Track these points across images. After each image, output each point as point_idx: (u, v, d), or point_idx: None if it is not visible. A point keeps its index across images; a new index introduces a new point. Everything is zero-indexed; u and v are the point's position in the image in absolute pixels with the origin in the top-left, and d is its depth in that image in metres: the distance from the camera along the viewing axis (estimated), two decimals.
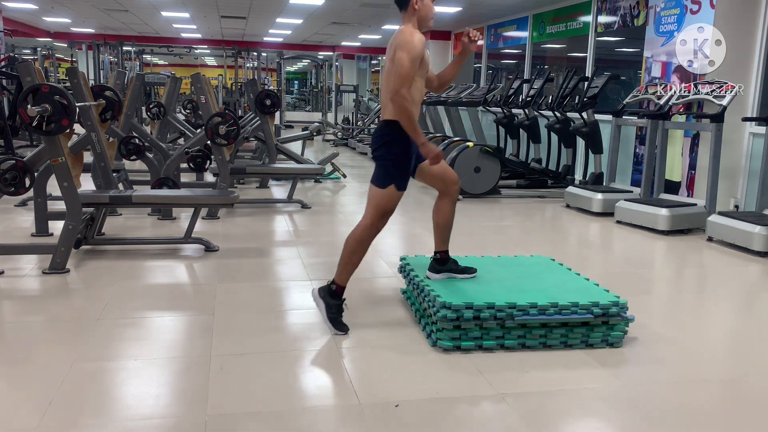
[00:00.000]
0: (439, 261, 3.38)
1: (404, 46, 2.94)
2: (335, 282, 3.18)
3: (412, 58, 2.92)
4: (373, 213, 3.13)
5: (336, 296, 3.17)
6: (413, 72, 2.95)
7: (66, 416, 2.30)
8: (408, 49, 2.93)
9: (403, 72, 2.92)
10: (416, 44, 2.94)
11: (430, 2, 3.08)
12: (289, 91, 31.11)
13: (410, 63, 2.92)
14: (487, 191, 7.35)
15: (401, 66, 2.92)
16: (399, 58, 2.93)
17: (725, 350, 3.23)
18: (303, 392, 2.57)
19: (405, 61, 2.92)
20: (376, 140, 3.14)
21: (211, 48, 20.33)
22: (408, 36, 2.97)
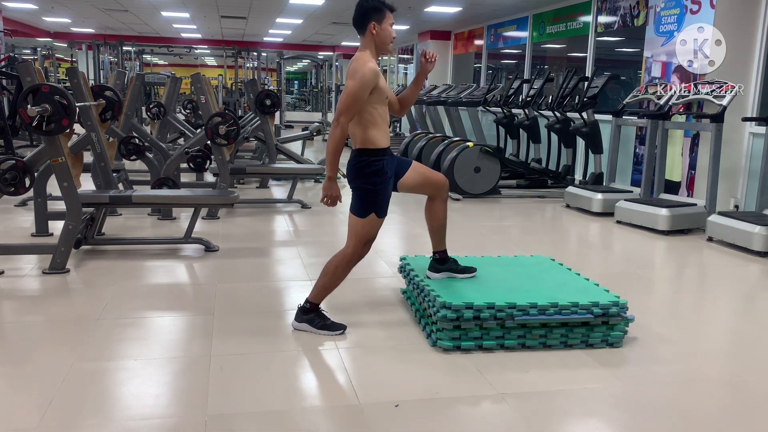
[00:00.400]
0: (439, 261, 3.38)
1: (354, 75, 2.91)
2: (309, 301, 3.17)
3: (359, 87, 2.88)
4: (356, 243, 3.11)
5: (311, 311, 3.17)
6: (358, 102, 2.90)
7: (66, 416, 2.30)
8: (357, 78, 2.89)
9: (347, 101, 2.89)
10: (366, 74, 2.89)
11: (388, 27, 3.04)
12: (289, 91, 31.11)
13: (358, 92, 2.88)
14: (487, 191, 7.35)
15: (347, 95, 2.89)
16: (347, 86, 2.91)
17: (725, 350, 3.23)
18: (303, 392, 2.57)
19: (352, 89, 2.89)
20: (352, 171, 3.09)
21: (211, 48, 20.33)
22: (360, 65, 2.93)
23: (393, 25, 3.09)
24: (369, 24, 3.00)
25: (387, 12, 3.04)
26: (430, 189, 3.28)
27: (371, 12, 3.01)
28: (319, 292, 3.16)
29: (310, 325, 3.15)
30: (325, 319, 3.18)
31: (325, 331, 3.14)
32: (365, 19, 3.01)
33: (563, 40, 9.95)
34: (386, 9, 3.05)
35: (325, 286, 3.15)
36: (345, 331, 3.16)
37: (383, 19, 3.02)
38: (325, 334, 3.13)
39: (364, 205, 3.08)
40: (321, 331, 3.14)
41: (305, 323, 3.16)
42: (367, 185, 3.06)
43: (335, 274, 3.13)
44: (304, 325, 3.16)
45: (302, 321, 3.17)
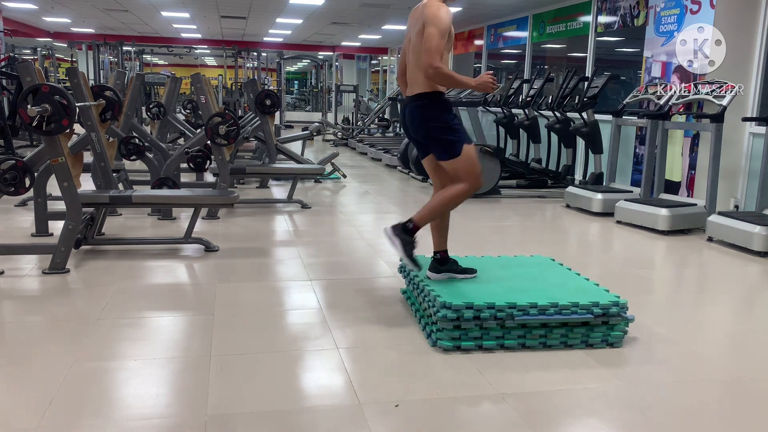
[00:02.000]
0: (440, 261, 3.38)
1: (433, 21, 2.96)
2: (413, 221, 3.18)
3: (441, 32, 2.95)
4: (469, 177, 3.14)
5: (411, 233, 3.18)
6: (443, 46, 2.97)
7: (66, 416, 2.30)
8: (436, 24, 2.95)
9: (433, 46, 2.94)
10: (444, 18, 2.98)
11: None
12: (289, 91, 31.11)
13: (440, 37, 2.95)
14: (487, 191, 7.35)
15: (432, 40, 2.94)
16: (429, 33, 2.95)
17: (725, 350, 3.23)
18: (303, 392, 2.57)
19: (435, 35, 2.94)
20: (418, 118, 3.12)
21: (211, 48, 20.33)
22: (436, 10, 2.99)
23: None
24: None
25: None
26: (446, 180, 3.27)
27: None
28: (424, 216, 3.20)
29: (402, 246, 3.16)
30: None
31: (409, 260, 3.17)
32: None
33: (563, 40, 9.95)
34: None
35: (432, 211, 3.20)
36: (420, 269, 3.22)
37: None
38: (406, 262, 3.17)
39: (451, 141, 3.10)
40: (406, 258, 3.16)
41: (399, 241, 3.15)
42: (444, 121, 3.09)
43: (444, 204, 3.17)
44: (396, 241, 3.16)
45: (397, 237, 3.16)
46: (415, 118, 3.15)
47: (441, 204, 3.18)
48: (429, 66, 2.95)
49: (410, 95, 3.16)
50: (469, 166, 3.14)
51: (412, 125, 3.19)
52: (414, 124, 3.18)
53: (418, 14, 3.09)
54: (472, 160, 3.15)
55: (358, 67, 24.63)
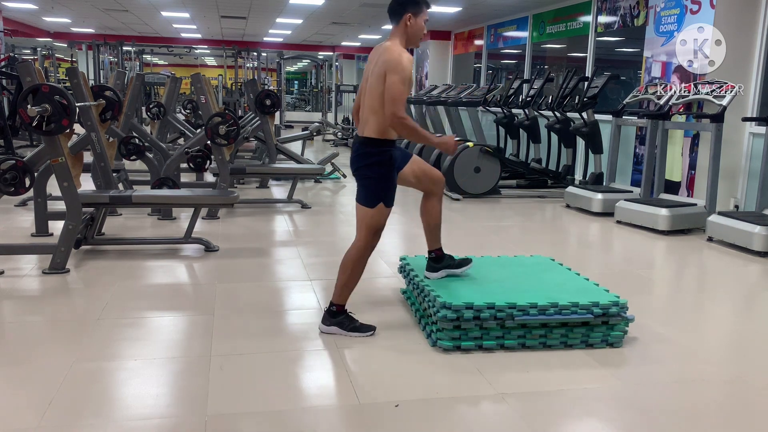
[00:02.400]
0: (435, 259, 3.36)
1: (395, 69, 2.90)
2: (334, 303, 3.15)
3: (403, 80, 2.90)
4: (366, 233, 3.08)
5: (339, 313, 3.15)
6: (406, 94, 2.94)
7: (66, 416, 2.30)
8: (399, 72, 2.90)
9: (397, 96, 2.89)
10: (406, 66, 2.92)
11: (422, 22, 3.06)
12: (289, 91, 31.11)
13: (403, 86, 2.90)
14: (487, 191, 7.35)
15: (395, 91, 2.89)
16: (392, 82, 2.90)
17: (725, 350, 3.23)
18: (303, 392, 2.57)
19: (398, 84, 2.89)
20: (359, 159, 3.07)
21: (211, 48, 20.33)
22: (397, 56, 2.93)
23: (427, 21, 3.12)
24: (405, 14, 3.02)
25: (424, 7, 3.07)
26: (428, 184, 3.26)
27: (409, 4, 3.02)
28: (342, 292, 3.14)
29: (339, 328, 3.12)
30: (354, 321, 3.15)
31: (356, 333, 3.12)
32: (402, 9, 3.02)
33: (563, 40, 9.95)
34: (424, 4, 3.07)
35: (346, 285, 3.13)
36: (375, 332, 3.13)
37: (420, 13, 3.05)
38: (356, 335, 3.11)
39: (372, 194, 3.06)
40: (351, 333, 3.11)
41: (335, 326, 3.13)
42: (375, 174, 3.04)
43: (353, 269, 3.11)
44: (333, 329, 3.13)
45: (331, 324, 3.14)
46: (356, 161, 3.10)
47: (349, 274, 3.11)
48: (393, 115, 2.90)
49: (359, 135, 3.10)
50: (374, 222, 3.08)
51: (352, 165, 3.15)
52: (354, 166, 3.13)
53: (378, 55, 3.03)
54: (380, 218, 3.09)
55: (358, 67, 24.62)
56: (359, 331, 3.13)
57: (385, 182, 3.06)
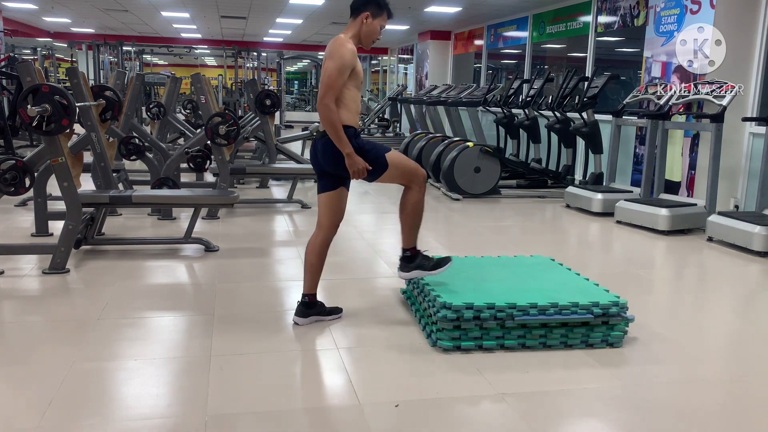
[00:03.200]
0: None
1: (333, 56, 2.94)
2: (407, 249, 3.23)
3: (339, 67, 2.91)
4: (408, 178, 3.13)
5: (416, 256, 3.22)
6: (339, 82, 2.93)
7: (66, 416, 2.30)
8: (336, 58, 2.92)
9: (328, 81, 2.91)
10: (345, 54, 2.93)
11: (377, 26, 3.09)
12: (289, 91, 31.11)
13: (337, 73, 2.91)
14: (487, 191, 7.35)
15: (328, 76, 2.92)
16: (326, 67, 2.94)
17: (725, 350, 3.23)
18: (303, 392, 2.57)
19: (332, 70, 2.91)
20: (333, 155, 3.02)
21: (211, 48, 20.34)
22: (338, 46, 2.96)
23: (383, 28, 3.14)
24: (364, 12, 3.07)
25: (384, 13, 3.12)
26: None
27: (372, 4, 3.08)
28: (411, 234, 3.21)
29: (421, 270, 3.20)
30: (430, 259, 3.23)
31: (438, 269, 3.19)
32: (364, 6, 3.08)
33: (563, 40, 9.95)
34: (385, 10, 3.12)
35: (413, 226, 3.19)
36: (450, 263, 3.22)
37: (378, 16, 3.09)
38: (438, 272, 3.19)
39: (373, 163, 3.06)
40: (433, 271, 3.19)
41: (416, 270, 3.20)
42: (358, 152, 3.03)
43: (414, 210, 3.16)
44: (415, 272, 3.21)
45: (411, 269, 3.21)
46: (327, 154, 3.07)
47: (413, 216, 3.16)
48: (320, 101, 2.92)
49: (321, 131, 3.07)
50: (404, 168, 3.12)
51: (325, 161, 3.10)
52: (328, 161, 3.09)
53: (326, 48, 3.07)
54: (402, 161, 3.12)
55: None
56: (440, 267, 3.20)
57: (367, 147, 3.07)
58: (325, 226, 3.23)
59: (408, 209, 3.18)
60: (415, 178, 3.15)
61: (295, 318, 3.27)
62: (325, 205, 3.22)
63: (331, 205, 3.21)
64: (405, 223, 3.21)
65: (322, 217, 3.24)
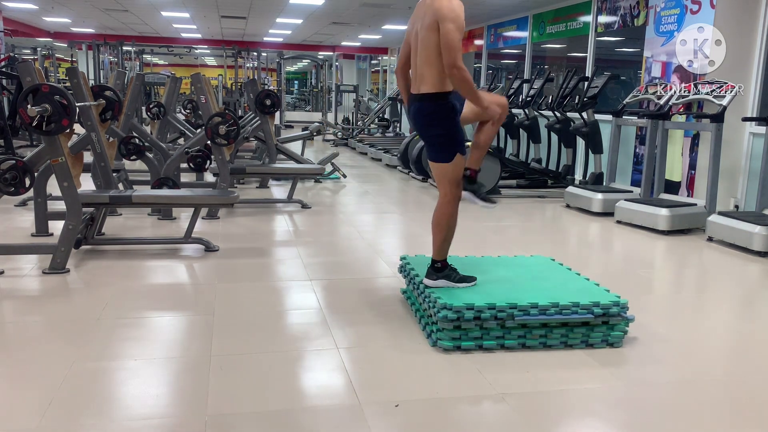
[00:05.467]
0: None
1: (449, 17, 2.86)
2: (437, 260, 3.24)
3: (459, 28, 2.88)
4: (450, 187, 3.15)
5: (444, 268, 3.22)
6: (461, 43, 2.91)
7: (66, 416, 2.30)
8: (453, 19, 2.87)
9: (454, 44, 2.85)
10: (459, 14, 2.90)
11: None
12: (289, 91, 31.10)
13: (459, 33, 2.88)
14: (487, 191, 7.33)
15: (452, 39, 2.85)
16: (447, 29, 2.85)
17: (725, 350, 3.23)
18: (303, 392, 2.57)
19: (454, 32, 2.86)
20: (422, 119, 3.07)
21: (211, 48, 20.33)
22: (448, 3, 2.89)
23: None
24: None
25: None
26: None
27: None
28: (442, 248, 3.22)
29: (447, 281, 3.20)
30: (458, 273, 3.23)
31: (464, 283, 3.19)
32: None
33: (563, 40, 9.95)
34: None
35: (445, 240, 3.21)
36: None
37: None
38: (463, 286, 3.18)
39: (447, 149, 3.08)
40: (459, 284, 3.19)
41: (443, 279, 3.20)
42: (444, 129, 3.06)
43: (449, 225, 3.18)
44: (441, 282, 3.20)
45: (438, 278, 3.21)
46: (418, 120, 3.11)
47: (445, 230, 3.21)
48: (452, 66, 2.85)
49: (416, 93, 3.08)
50: (453, 175, 3.15)
51: (416, 125, 3.17)
52: (418, 125, 3.16)
53: (426, 7, 2.98)
54: (458, 170, 3.14)
55: (358, 67, 24.62)
56: (466, 282, 3.21)
57: (455, 133, 3.08)
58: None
59: (443, 221, 3.20)
60: (456, 192, 3.18)
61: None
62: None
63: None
64: (437, 236, 3.22)
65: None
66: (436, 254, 3.25)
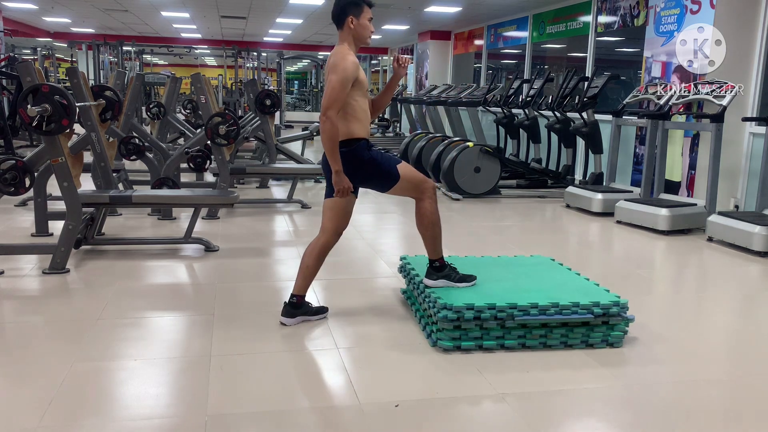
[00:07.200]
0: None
1: (335, 69, 2.95)
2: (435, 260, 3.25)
3: (342, 80, 2.92)
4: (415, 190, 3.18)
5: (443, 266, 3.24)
6: (343, 95, 2.95)
7: (66, 416, 2.30)
8: (338, 71, 2.93)
9: (333, 95, 2.92)
10: (347, 67, 2.94)
11: (366, 22, 3.08)
12: (289, 91, 31.11)
13: (340, 86, 2.92)
14: (487, 191, 7.35)
15: (331, 89, 2.93)
16: (329, 80, 2.95)
17: (725, 350, 3.23)
18: (303, 392, 2.57)
19: (335, 83, 2.92)
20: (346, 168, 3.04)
21: (211, 48, 20.34)
22: (340, 58, 2.97)
23: (371, 20, 3.13)
24: (347, 18, 3.06)
25: (365, 7, 3.09)
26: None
27: (349, 7, 3.07)
28: (436, 247, 3.24)
29: (447, 280, 3.22)
30: (458, 272, 3.25)
31: (463, 282, 3.21)
32: (343, 14, 3.07)
33: (563, 40, 9.95)
34: (364, 4, 3.10)
35: (434, 237, 3.23)
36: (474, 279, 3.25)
37: (361, 13, 3.08)
38: (463, 285, 3.20)
39: (386, 175, 3.12)
40: (459, 284, 3.20)
41: (442, 279, 3.22)
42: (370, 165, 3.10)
43: (432, 221, 3.20)
44: (441, 281, 3.22)
45: (439, 278, 3.22)
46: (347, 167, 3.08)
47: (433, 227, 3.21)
48: (323, 113, 2.93)
49: None
50: (414, 180, 3.17)
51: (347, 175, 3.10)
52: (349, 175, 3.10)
53: (327, 60, 3.08)
54: (412, 174, 3.18)
55: None
56: (465, 281, 3.22)
57: (379, 159, 3.11)
58: (328, 230, 3.23)
59: (425, 221, 3.21)
60: (425, 189, 3.18)
61: (282, 319, 3.26)
62: (331, 209, 3.21)
63: (336, 210, 3.20)
64: (425, 236, 3.24)
65: (327, 221, 3.23)
66: (432, 254, 3.26)
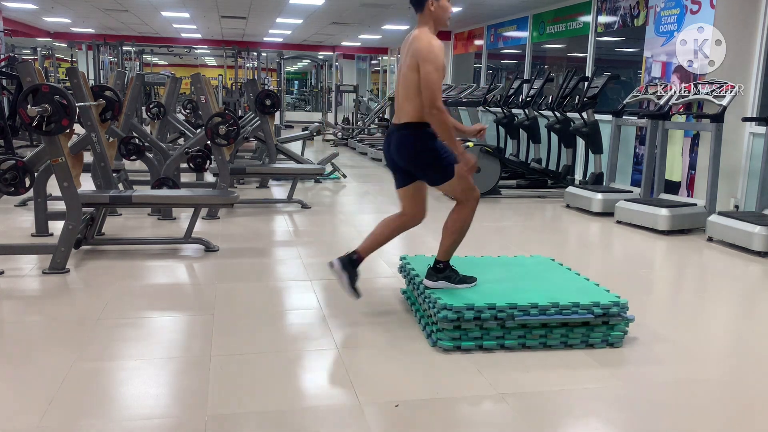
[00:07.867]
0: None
1: (428, 59, 2.92)
2: (440, 261, 3.23)
3: (438, 69, 2.93)
4: (464, 193, 3.17)
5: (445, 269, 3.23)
6: (441, 83, 2.96)
7: (66, 416, 2.30)
8: (432, 61, 2.93)
9: (433, 86, 2.91)
10: (439, 54, 2.95)
11: (446, 3, 3.07)
12: (289, 91, 31.11)
13: (438, 75, 2.93)
14: (487, 191, 7.35)
15: (431, 81, 2.91)
16: (426, 72, 2.92)
17: (725, 350, 3.23)
18: (303, 392, 2.57)
19: (433, 74, 2.91)
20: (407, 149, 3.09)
21: (211, 48, 20.33)
22: (427, 45, 2.95)
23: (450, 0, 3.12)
24: (427, 1, 3.03)
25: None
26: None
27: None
28: (449, 251, 3.23)
29: (447, 282, 3.22)
30: (458, 274, 3.25)
31: (463, 284, 3.21)
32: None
33: (563, 40, 9.95)
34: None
35: (454, 243, 3.22)
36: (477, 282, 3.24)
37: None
38: (463, 287, 3.19)
39: (441, 167, 3.10)
40: (459, 285, 3.20)
41: (442, 281, 3.22)
42: (430, 152, 3.08)
43: (462, 229, 3.20)
44: (441, 283, 3.21)
45: (439, 279, 3.22)
46: (402, 148, 3.12)
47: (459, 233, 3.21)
48: (432, 106, 2.91)
49: (397, 123, 3.13)
50: (464, 183, 3.17)
51: (399, 155, 3.15)
52: (402, 154, 3.14)
53: (408, 46, 3.04)
54: (464, 177, 3.16)
55: (358, 67, 24.63)
56: (466, 283, 3.22)
57: (442, 150, 3.08)
58: (407, 213, 3.28)
59: (456, 225, 3.20)
60: (473, 197, 3.20)
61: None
62: (407, 197, 3.25)
63: (413, 196, 3.23)
64: (447, 237, 3.22)
65: (406, 206, 3.27)
66: (442, 255, 3.25)
